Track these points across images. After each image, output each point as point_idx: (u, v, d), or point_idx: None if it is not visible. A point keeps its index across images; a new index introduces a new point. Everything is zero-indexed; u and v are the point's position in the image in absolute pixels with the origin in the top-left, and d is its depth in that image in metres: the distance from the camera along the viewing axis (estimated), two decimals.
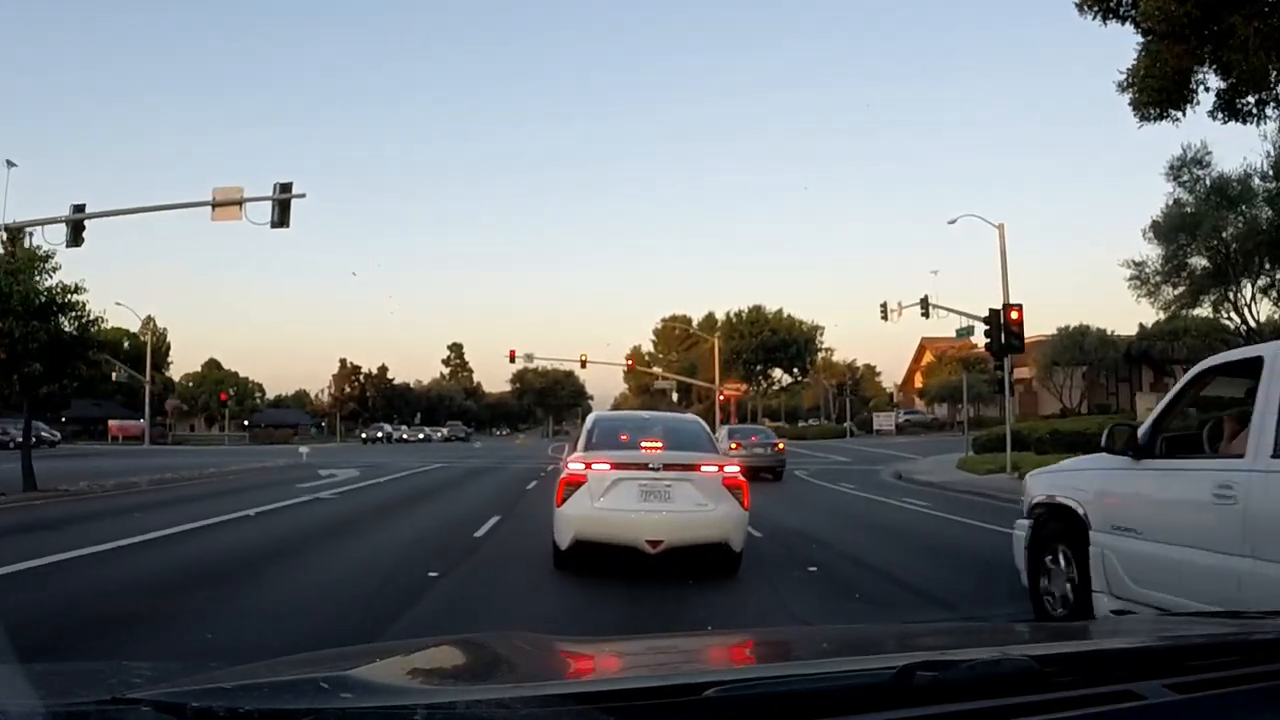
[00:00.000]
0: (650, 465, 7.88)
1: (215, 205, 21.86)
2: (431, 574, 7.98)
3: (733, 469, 8.20)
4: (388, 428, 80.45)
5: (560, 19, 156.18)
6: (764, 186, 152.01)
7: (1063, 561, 5.95)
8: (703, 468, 8.03)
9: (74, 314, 16.20)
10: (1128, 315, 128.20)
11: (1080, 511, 5.80)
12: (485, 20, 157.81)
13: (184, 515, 12.64)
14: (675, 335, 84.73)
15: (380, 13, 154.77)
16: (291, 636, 5.59)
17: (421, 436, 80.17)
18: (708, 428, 9.84)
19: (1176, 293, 27.63)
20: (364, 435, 77.14)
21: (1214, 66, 14.17)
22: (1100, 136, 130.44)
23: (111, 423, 66.14)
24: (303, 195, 21.97)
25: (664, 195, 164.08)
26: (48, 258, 16.23)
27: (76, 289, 16.19)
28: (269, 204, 21.75)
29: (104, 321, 17.29)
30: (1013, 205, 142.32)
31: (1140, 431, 5.61)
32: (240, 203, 21.80)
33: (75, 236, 21.51)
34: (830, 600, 7.50)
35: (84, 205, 22.04)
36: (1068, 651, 1.68)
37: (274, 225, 21.84)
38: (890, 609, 7.10)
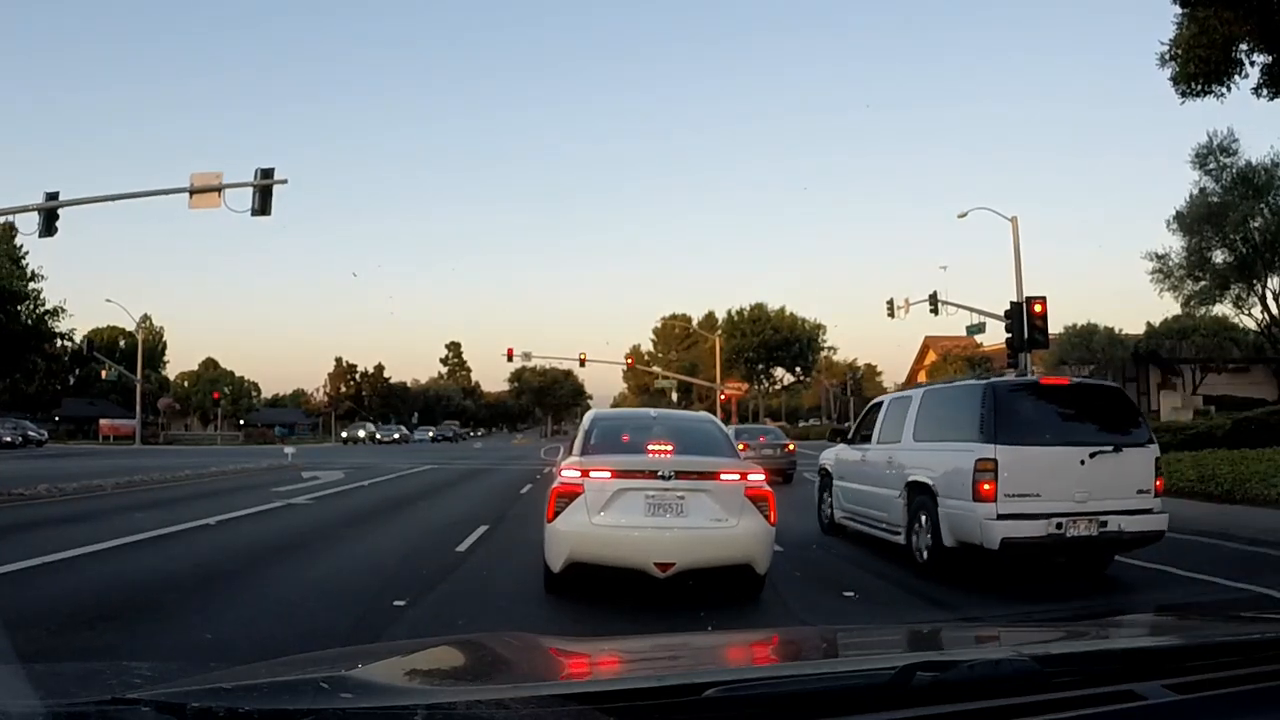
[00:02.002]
0: (659, 473, 6.80)
1: (193, 191, 21.02)
2: (398, 602, 6.91)
3: (757, 477, 7.10)
4: (370, 427, 74.10)
5: (561, 19, 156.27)
6: (765, 185, 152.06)
7: (828, 496, 11.76)
8: (722, 476, 6.96)
9: (28, 303, 15.21)
10: (1132, 315, 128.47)
11: (831, 470, 11.75)
12: (484, 20, 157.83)
13: (136, 524, 11.67)
14: (675, 334, 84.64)
15: (381, 10, 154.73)
16: None
17: (397, 437, 69.57)
18: (724, 428, 8.92)
19: (1199, 287, 27.00)
20: (344, 435, 71.85)
21: (1259, 41, 13.62)
22: (1103, 135, 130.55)
23: (103, 422, 65.45)
24: (284, 181, 21.21)
25: (664, 194, 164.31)
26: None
27: (33, 276, 15.27)
28: (250, 191, 21.03)
29: (64, 313, 16.45)
30: (1014, 206, 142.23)
31: (849, 433, 11.68)
32: (219, 189, 20.99)
33: (48, 226, 20.84)
34: None
35: (58, 193, 21.25)
36: (1068, 651, 1.68)
37: (254, 213, 21.02)
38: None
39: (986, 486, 7.73)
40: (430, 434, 79.00)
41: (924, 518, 8.58)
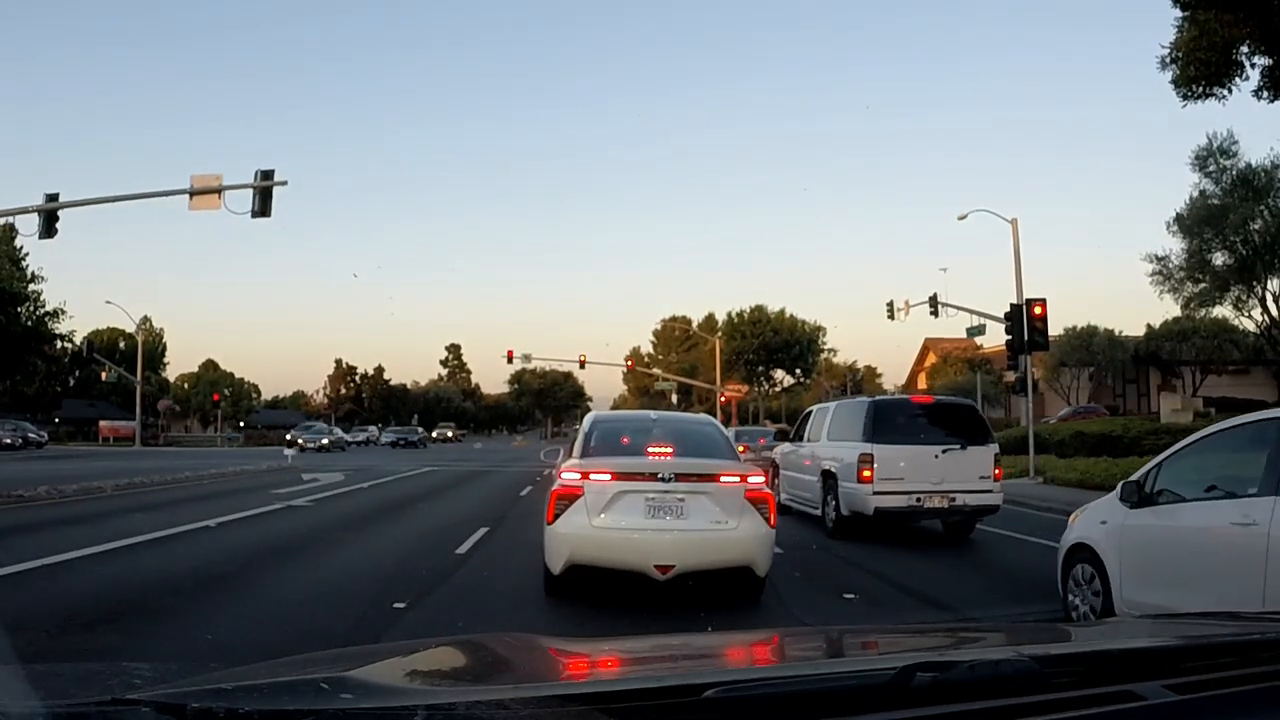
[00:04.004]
0: (659, 475, 6.78)
1: (193, 193, 21.07)
2: (397, 605, 6.84)
3: (757, 479, 7.13)
4: (324, 427, 59.60)
5: (561, 22, 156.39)
6: (765, 187, 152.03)
7: (777, 482, 14.24)
8: (722, 478, 6.95)
9: (28, 305, 15.09)
10: (1132, 317, 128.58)
11: (779, 463, 15.02)
12: (484, 22, 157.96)
13: (136, 526, 11.60)
14: (675, 336, 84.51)
15: (382, 13, 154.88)
16: None
17: (325, 442, 49.95)
18: (724, 430, 9.01)
19: (1199, 289, 26.98)
20: (288, 438, 52.46)
21: (1259, 44, 13.59)
22: (1104, 137, 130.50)
23: (103, 423, 64.77)
24: (284, 183, 21.30)
25: (664, 195, 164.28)
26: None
27: (33, 278, 15.18)
28: (250, 193, 21.11)
29: (64, 315, 16.39)
30: (1014, 208, 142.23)
31: (792, 433, 15.20)
32: (219, 190, 21.06)
33: (49, 227, 20.90)
34: None
35: (58, 195, 21.29)
36: (1068, 652, 1.68)
37: (254, 214, 21.08)
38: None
39: (866, 473, 10.96)
40: (393, 438, 63.54)
41: (830, 495, 11.92)
